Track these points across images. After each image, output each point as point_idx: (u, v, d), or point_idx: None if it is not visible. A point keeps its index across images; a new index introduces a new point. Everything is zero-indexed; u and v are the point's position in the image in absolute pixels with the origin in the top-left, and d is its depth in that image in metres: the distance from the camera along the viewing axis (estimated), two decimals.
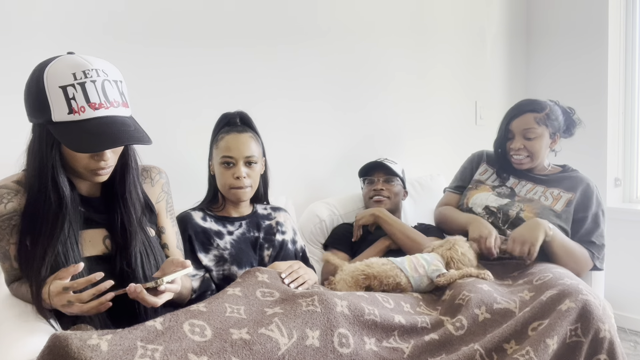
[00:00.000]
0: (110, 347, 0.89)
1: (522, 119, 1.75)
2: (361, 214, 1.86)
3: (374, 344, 1.12)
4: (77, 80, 1.03)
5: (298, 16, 2.07)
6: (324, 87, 2.17)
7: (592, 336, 1.17)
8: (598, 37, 2.71)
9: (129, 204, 1.17)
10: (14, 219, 1.09)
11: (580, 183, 1.76)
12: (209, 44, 1.84)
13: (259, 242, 1.54)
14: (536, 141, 1.74)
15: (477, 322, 1.23)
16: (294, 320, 1.07)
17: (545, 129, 1.74)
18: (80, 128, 1.03)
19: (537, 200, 1.73)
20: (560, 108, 1.80)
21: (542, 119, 1.73)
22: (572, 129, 1.82)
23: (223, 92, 1.88)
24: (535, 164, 1.79)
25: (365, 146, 2.29)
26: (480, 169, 1.90)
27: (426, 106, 2.57)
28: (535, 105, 1.76)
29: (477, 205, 1.78)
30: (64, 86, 1.03)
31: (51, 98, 1.03)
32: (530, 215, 1.68)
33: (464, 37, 2.71)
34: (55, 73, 1.03)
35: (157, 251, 1.22)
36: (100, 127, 1.04)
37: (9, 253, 1.11)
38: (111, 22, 1.63)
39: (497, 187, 1.81)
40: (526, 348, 1.13)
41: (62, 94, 1.03)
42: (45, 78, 1.03)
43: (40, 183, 1.07)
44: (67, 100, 1.03)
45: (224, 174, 1.49)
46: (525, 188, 1.78)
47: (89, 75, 1.05)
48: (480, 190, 1.83)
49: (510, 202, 1.74)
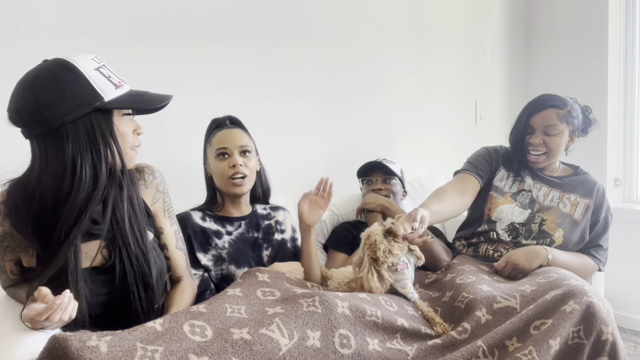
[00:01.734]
0: (109, 348, 0.88)
1: (545, 114, 1.69)
2: (370, 199, 1.83)
3: (378, 345, 1.11)
4: (99, 63, 1.09)
5: (298, 17, 2.06)
6: (324, 88, 2.17)
7: (594, 338, 1.16)
8: (598, 37, 2.71)
9: (132, 194, 1.16)
10: (5, 241, 1.08)
11: (593, 187, 1.73)
12: (209, 45, 1.83)
13: (257, 243, 1.54)
14: (556, 138, 1.69)
15: (480, 325, 1.22)
16: (295, 321, 1.06)
17: (566, 126, 1.69)
18: (130, 95, 1.10)
19: (556, 208, 1.69)
20: (579, 106, 1.75)
21: (565, 115, 1.68)
22: (587, 128, 1.77)
23: (224, 92, 1.87)
24: (550, 161, 1.74)
25: (365, 146, 2.29)
26: (499, 174, 1.79)
27: (426, 106, 2.56)
28: (558, 101, 1.70)
29: (503, 220, 1.69)
30: (97, 68, 1.07)
31: (94, 81, 1.04)
32: (553, 226, 1.65)
33: (464, 37, 2.71)
34: (82, 61, 1.06)
35: (157, 253, 1.21)
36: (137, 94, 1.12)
37: (5, 268, 1.11)
38: (112, 21, 1.62)
39: (516, 194, 1.74)
40: (529, 348, 1.12)
41: (100, 75, 1.06)
42: (79, 66, 1.04)
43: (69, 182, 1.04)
44: (107, 78, 1.07)
45: (220, 166, 1.48)
46: (541, 192, 1.72)
47: (98, 59, 1.10)
48: (504, 200, 1.73)
49: (531, 213, 1.69)
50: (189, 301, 1.27)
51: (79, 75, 1.03)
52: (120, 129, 1.10)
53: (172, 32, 1.76)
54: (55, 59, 1.06)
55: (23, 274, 1.12)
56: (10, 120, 1.06)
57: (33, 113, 1.02)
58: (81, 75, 1.03)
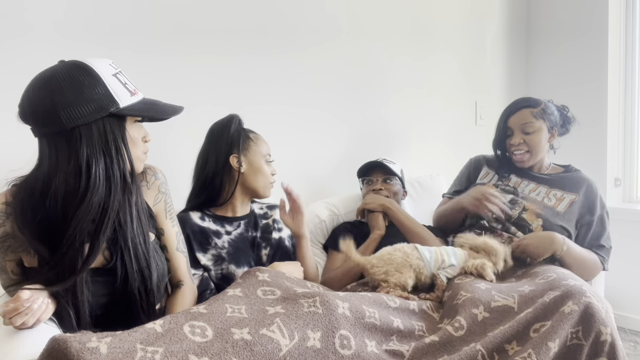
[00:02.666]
0: (109, 349, 0.88)
1: (519, 114, 1.78)
2: (370, 199, 1.85)
3: (375, 347, 1.12)
4: (117, 69, 1.10)
5: (299, 18, 2.06)
6: (324, 88, 2.17)
7: (592, 339, 1.16)
8: (598, 37, 2.71)
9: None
10: (7, 242, 1.08)
11: (582, 183, 1.76)
12: (211, 46, 1.83)
13: (256, 242, 1.54)
14: (535, 135, 1.76)
15: (477, 322, 1.22)
16: (295, 321, 1.06)
17: (542, 122, 1.76)
18: (144, 103, 1.11)
19: (540, 201, 1.73)
20: (555, 105, 1.83)
21: (539, 113, 1.76)
22: (567, 125, 1.85)
23: (226, 93, 1.87)
24: (536, 159, 1.79)
25: (365, 146, 2.29)
26: (482, 172, 1.90)
27: (426, 106, 2.56)
28: (530, 101, 1.80)
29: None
30: (114, 74, 1.08)
31: (111, 87, 1.05)
32: (532, 216, 1.68)
33: (464, 37, 2.71)
34: (101, 65, 1.07)
35: (158, 255, 1.21)
36: (151, 102, 1.14)
37: (6, 268, 1.11)
38: (116, 22, 1.62)
39: (500, 185, 1.81)
40: (528, 350, 1.12)
41: (117, 81, 1.07)
42: (97, 70, 1.05)
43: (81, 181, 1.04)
44: (123, 85, 1.08)
45: (268, 170, 1.56)
46: (528, 188, 1.77)
47: (115, 65, 1.11)
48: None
49: (514, 199, 1.74)
50: (190, 305, 1.27)
51: (97, 79, 1.04)
52: (132, 135, 1.11)
53: (174, 33, 1.75)
54: (73, 60, 1.06)
55: (24, 274, 1.12)
56: (22, 116, 1.06)
57: (48, 112, 1.01)
58: (99, 80, 1.04)
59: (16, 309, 0.97)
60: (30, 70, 1.09)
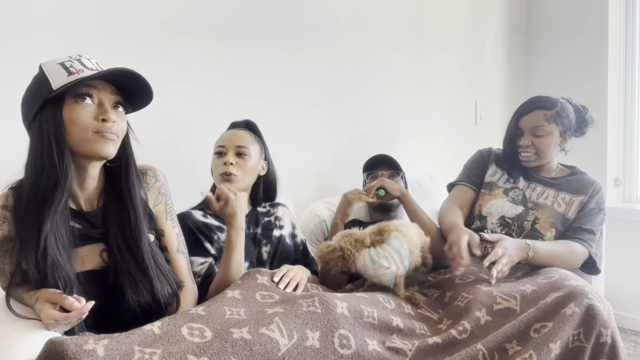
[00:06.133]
0: (107, 351, 0.88)
1: (532, 115, 1.71)
2: (390, 182, 1.80)
3: (377, 345, 1.11)
4: (73, 57, 1.07)
5: (300, 19, 2.05)
6: (324, 88, 2.16)
7: (594, 341, 1.15)
8: (598, 37, 2.71)
9: (134, 195, 1.14)
10: (5, 245, 1.07)
11: (589, 185, 1.72)
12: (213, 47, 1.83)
13: (257, 238, 1.54)
14: (544, 139, 1.70)
15: (480, 325, 1.22)
16: (294, 321, 1.06)
17: (555, 126, 1.70)
18: (82, 81, 1.03)
19: (550, 207, 1.69)
20: (572, 106, 1.76)
21: (553, 116, 1.69)
22: (583, 127, 1.78)
23: (225, 93, 1.87)
24: (542, 162, 1.74)
25: (365, 146, 2.28)
26: (490, 170, 1.84)
27: (426, 106, 2.56)
28: (546, 103, 1.71)
29: (493, 214, 1.71)
30: (62, 62, 1.06)
31: (49, 72, 1.04)
32: (546, 226, 1.65)
33: (464, 37, 2.70)
34: (52, 58, 1.07)
35: (158, 256, 1.20)
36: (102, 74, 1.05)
37: (5, 271, 1.09)
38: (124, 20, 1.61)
39: (509, 190, 1.76)
40: (529, 352, 1.11)
41: (60, 66, 1.05)
42: (44, 63, 1.06)
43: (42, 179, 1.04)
44: (65, 68, 1.05)
45: (216, 163, 1.53)
46: (535, 192, 1.73)
47: (83, 55, 1.10)
48: (494, 195, 1.76)
49: (525, 210, 1.69)
50: (191, 307, 1.25)
51: (41, 72, 1.06)
52: (69, 117, 1.04)
53: (178, 33, 1.74)
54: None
55: (24, 275, 1.11)
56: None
57: (22, 115, 1.09)
58: (42, 72, 1.06)
59: (68, 317, 0.95)
60: (30, 74, 1.10)
